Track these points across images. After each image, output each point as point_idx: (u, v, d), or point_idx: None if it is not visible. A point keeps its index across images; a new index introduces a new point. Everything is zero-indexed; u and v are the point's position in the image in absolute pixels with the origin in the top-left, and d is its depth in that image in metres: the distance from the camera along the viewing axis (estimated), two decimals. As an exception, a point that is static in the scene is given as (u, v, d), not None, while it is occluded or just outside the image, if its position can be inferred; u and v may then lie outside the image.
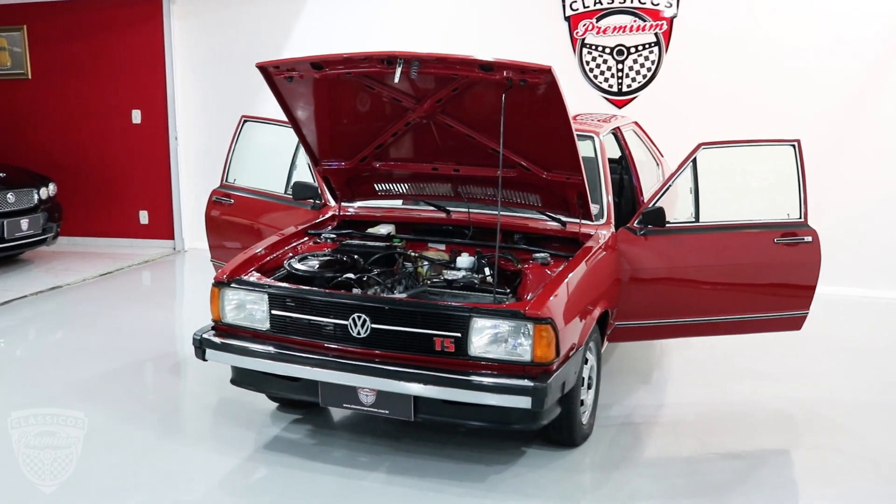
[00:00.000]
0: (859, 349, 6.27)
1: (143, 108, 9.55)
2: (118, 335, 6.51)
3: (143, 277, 8.68)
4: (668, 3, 8.21)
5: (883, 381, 5.65)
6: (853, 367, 5.93)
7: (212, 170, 9.44)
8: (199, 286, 8.50)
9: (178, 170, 9.58)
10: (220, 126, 9.42)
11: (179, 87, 9.45)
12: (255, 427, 4.77)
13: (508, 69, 4.08)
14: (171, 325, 7.04)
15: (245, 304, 4.32)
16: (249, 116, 6.25)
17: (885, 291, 7.62)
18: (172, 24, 9.35)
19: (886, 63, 7.72)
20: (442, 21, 8.79)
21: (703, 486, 4.20)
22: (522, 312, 3.89)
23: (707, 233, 5.13)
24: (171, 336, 6.61)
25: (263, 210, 5.96)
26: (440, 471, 4.26)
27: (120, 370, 5.69)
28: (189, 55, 9.43)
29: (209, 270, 8.90)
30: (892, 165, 7.78)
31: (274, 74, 4.54)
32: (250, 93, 9.27)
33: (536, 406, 3.86)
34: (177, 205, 9.64)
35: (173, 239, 9.71)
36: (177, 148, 9.54)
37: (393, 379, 3.98)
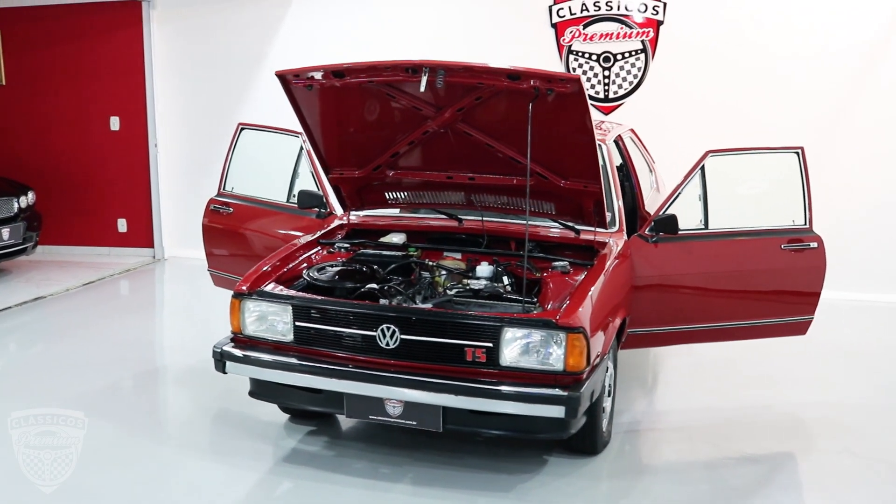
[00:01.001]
0: (859, 353, 6.38)
1: (121, 115, 9.39)
2: (110, 347, 6.38)
3: (125, 287, 8.52)
4: (655, 10, 8.29)
5: (887, 385, 5.76)
6: (856, 370, 6.04)
7: (192, 177, 9.38)
8: (183, 295, 8.42)
9: (158, 177, 9.43)
10: (200, 133, 9.35)
11: (159, 94, 9.31)
12: (271, 440, 4.71)
13: (536, 78, 4.08)
14: (162, 335, 6.93)
15: (267, 315, 4.26)
16: (246, 124, 6.17)
17: (875, 295, 7.76)
18: (152, 29, 9.21)
19: (868, 72, 7.88)
20: (428, 28, 8.77)
21: (727, 491, 4.23)
22: (555, 322, 3.89)
23: (717, 240, 5.17)
24: (164, 347, 6.50)
25: (266, 219, 5.88)
26: (465, 481, 4.24)
27: (120, 383, 5.59)
28: (169, 61, 9.30)
29: (192, 279, 8.88)
30: (872, 173, 7.94)
31: (293, 83, 4.46)
32: (232, 99, 9.24)
33: (570, 415, 3.86)
34: (156, 213, 9.49)
35: (153, 247, 9.55)
36: (157, 155, 9.40)
37: (423, 390, 3.95)
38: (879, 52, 7.87)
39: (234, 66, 9.18)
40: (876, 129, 7.86)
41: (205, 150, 9.35)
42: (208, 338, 6.53)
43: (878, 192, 7.94)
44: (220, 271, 6.07)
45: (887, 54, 7.84)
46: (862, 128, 7.91)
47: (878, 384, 5.76)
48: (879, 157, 7.91)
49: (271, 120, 8.92)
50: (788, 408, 5.34)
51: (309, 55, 8.92)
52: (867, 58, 7.89)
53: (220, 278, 6.10)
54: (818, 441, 4.89)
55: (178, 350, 6.32)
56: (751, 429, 5.01)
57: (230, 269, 6.00)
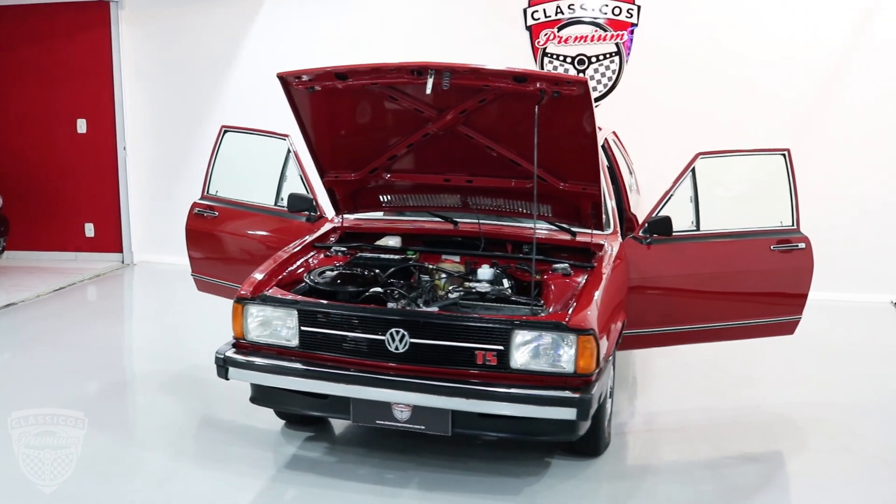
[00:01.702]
0: (841, 352, 6.47)
1: (88, 117, 9.20)
2: (90, 354, 6.25)
3: (97, 292, 8.36)
4: (629, 13, 8.35)
5: (873, 383, 5.86)
6: (841, 369, 6.14)
7: (162, 180, 9.24)
8: (156, 301, 8.28)
9: (127, 181, 9.25)
10: (170, 136, 9.22)
11: (128, 96, 9.14)
12: (269, 446, 4.65)
13: (543, 80, 4.09)
14: (140, 342, 6.79)
15: (271, 320, 4.20)
16: (230, 126, 6.07)
17: (850, 295, 7.90)
18: (121, 30, 9.04)
19: (838, 79, 8.04)
20: (402, 30, 8.73)
21: (731, 490, 4.27)
22: (565, 324, 3.89)
23: (708, 241, 5.21)
24: (145, 353, 6.37)
25: (253, 222, 5.80)
26: (472, 485, 4.22)
27: (107, 391, 5.47)
28: (138, 63, 9.13)
29: (163, 284, 8.75)
30: (845, 174, 8.09)
31: (294, 84, 4.40)
32: (202, 101, 9.12)
33: (581, 417, 3.86)
34: (125, 217, 9.31)
35: (121, 252, 9.37)
36: (125, 158, 9.22)
37: (433, 394, 3.92)
38: (848, 57, 8.02)
39: (205, 67, 9.05)
40: (845, 131, 8.00)
41: (175, 153, 9.23)
42: (188, 343, 6.52)
43: (852, 194, 8.08)
44: (205, 276, 5.97)
45: (855, 60, 8.00)
46: (832, 130, 8.05)
47: (863, 383, 5.86)
48: (850, 158, 8.05)
49: (243, 122, 8.82)
50: (779, 407, 5.40)
51: (281, 57, 8.88)
52: (836, 62, 8.04)
53: (204, 283, 6.00)
54: (813, 440, 4.95)
55: (160, 356, 6.20)
56: (745, 428, 5.06)
57: (215, 273, 5.91)
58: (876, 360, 6.44)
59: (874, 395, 5.62)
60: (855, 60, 8.01)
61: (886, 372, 6.19)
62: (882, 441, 4.87)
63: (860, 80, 8.01)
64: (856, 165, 8.07)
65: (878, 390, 5.74)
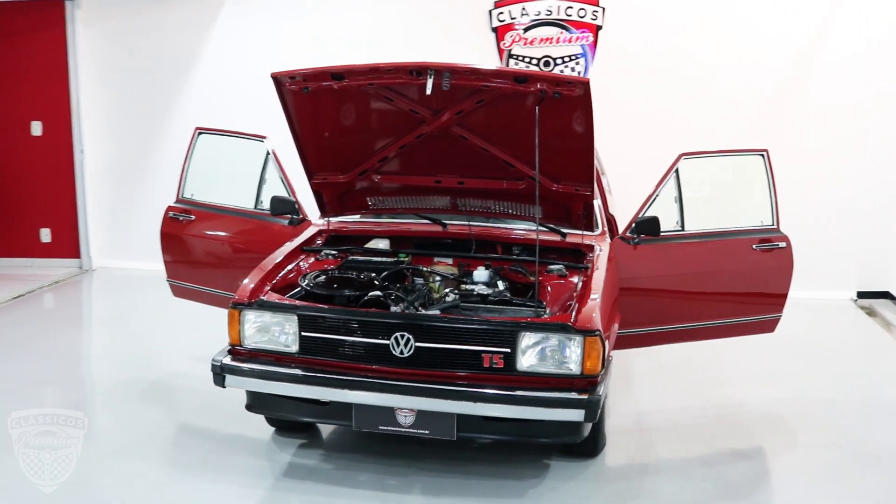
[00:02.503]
0: (810, 349, 6.56)
1: (43, 120, 8.94)
2: (62, 363, 6.09)
3: (58, 299, 8.13)
4: (594, 14, 8.40)
5: (848, 379, 5.98)
6: (813, 366, 6.24)
7: (122, 184, 9.04)
8: (120, 307, 8.05)
9: (85, 185, 9.01)
10: (130, 138, 9.03)
11: (85, 97, 8.89)
12: (263, 454, 4.56)
13: (543, 81, 4.08)
14: (112, 349, 6.56)
15: (270, 326, 4.11)
16: (204, 128, 5.95)
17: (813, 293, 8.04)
18: (77, 30, 8.80)
19: (798, 83, 8.19)
20: (366, 30, 8.65)
21: (730, 487, 4.31)
22: (572, 325, 3.88)
23: (693, 241, 5.26)
24: (120, 362, 6.15)
25: (233, 226, 5.69)
26: (476, 488, 4.19)
27: (87, 401, 5.32)
28: (95, 63, 8.89)
29: (125, 290, 8.55)
30: (806, 175, 8.23)
31: (287, 85, 4.32)
32: (162, 102, 8.94)
33: (589, 418, 3.86)
34: (83, 222, 9.06)
35: (79, 258, 9.12)
36: (82, 161, 8.98)
37: (440, 398, 3.89)
38: (808, 62, 8.17)
39: (165, 68, 8.86)
40: (804, 134, 8.11)
41: (135, 156, 9.02)
42: (160, 350, 6.39)
43: (811, 194, 8.21)
44: (181, 281, 5.84)
45: (815, 64, 8.15)
46: (791, 133, 8.15)
47: (838, 379, 5.98)
48: (809, 160, 8.16)
49: (206, 124, 8.63)
50: (762, 404, 5.47)
51: (244, 58, 8.79)
52: (796, 66, 8.18)
53: (180, 288, 5.87)
54: (801, 435, 5.02)
55: (135, 364, 6.03)
56: (732, 426, 5.12)
57: (193, 278, 5.79)
58: (844, 355, 6.57)
59: (851, 391, 5.73)
60: (815, 65, 8.16)
61: (857, 367, 6.33)
62: (867, 436, 4.96)
63: (820, 84, 8.15)
64: (814, 167, 8.21)
65: (854, 386, 5.85)
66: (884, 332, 7.32)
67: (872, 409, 5.42)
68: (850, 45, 8.02)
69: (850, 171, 8.19)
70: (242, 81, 8.77)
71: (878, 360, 6.61)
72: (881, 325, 7.50)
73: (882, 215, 8.21)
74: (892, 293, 8.24)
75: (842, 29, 8.05)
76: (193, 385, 5.63)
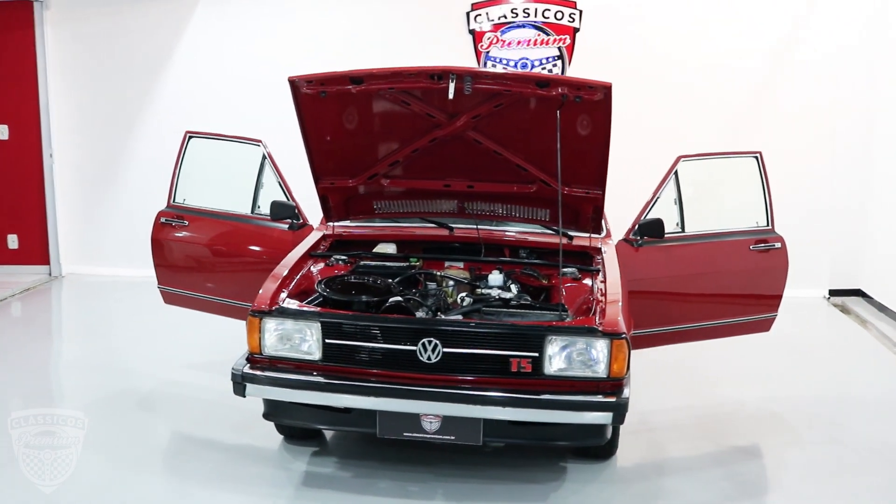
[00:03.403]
0: (793, 347, 6.65)
1: (10, 124, 8.71)
2: (49, 373, 5.95)
3: (30, 307, 7.92)
4: (571, 17, 8.45)
5: (838, 376, 6.14)
6: (802, 364, 6.37)
7: (92, 189, 8.86)
8: (97, 314, 7.86)
9: (54, 190, 8.80)
10: (101, 142, 8.87)
11: (54, 100, 8.69)
12: (277, 463, 4.50)
13: (564, 85, 4.09)
14: (98, 358, 6.37)
15: (292, 334, 4.04)
16: (194, 132, 5.84)
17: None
18: (45, 31, 8.59)
19: (769, 86, 8.35)
20: (343, 32, 8.61)
21: (749, 486, 4.38)
22: (599, 329, 3.90)
23: (694, 242, 5.32)
24: (107, 371, 6.00)
25: (230, 231, 5.59)
26: (498, 493, 4.19)
27: (84, 412, 5.13)
28: (65, 65, 8.70)
29: (98, 297, 8.37)
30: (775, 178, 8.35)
31: (304, 89, 4.26)
32: (134, 105, 8.79)
33: (617, 421, 3.88)
34: (52, 228, 8.85)
35: (48, 264, 8.90)
36: (52, 166, 8.77)
37: (468, 403, 3.87)
38: (780, 65, 8.35)
39: (137, 70, 8.70)
40: (777, 135, 8.26)
41: (106, 160, 8.85)
42: (149, 358, 6.26)
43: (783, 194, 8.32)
44: (174, 288, 5.71)
45: (786, 68, 8.33)
46: (765, 134, 8.30)
47: (828, 376, 6.13)
48: (781, 161, 8.28)
49: (180, 127, 8.53)
50: (759, 402, 5.54)
51: (218, 61, 8.68)
52: (770, 69, 8.35)
53: (173, 295, 5.75)
54: (802, 433, 5.11)
55: (125, 373, 5.89)
56: (736, 425, 5.18)
57: (187, 285, 5.68)
58: (828, 353, 6.74)
59: (841, 388, 5.88)
60: (787, 67, 8.34)
61: (843, 364, 6.50)
62: (866, 431, 5.07)
63: (792, 86, 8.33)
64: (786, 167, 8.34)
65: (843, 383, 6.00)
66: (860, 328, 7.50)
67: (865, 405, 5.55)
68: (821, 47, 8.20)
69: (820, 171, 8.37)
70: (216, 84, 8.67)
71: (861, 356, 6.77)
72: (857, 322, 7.68)
73: (853, 214, 8.40)
74: (863, 290, 8.44)
75: (814, 32, 8.24)
76: (190, 394, 5.55)
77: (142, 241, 8.65)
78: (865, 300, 8.33)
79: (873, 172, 8.22)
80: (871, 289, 8.29)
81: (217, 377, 5.78)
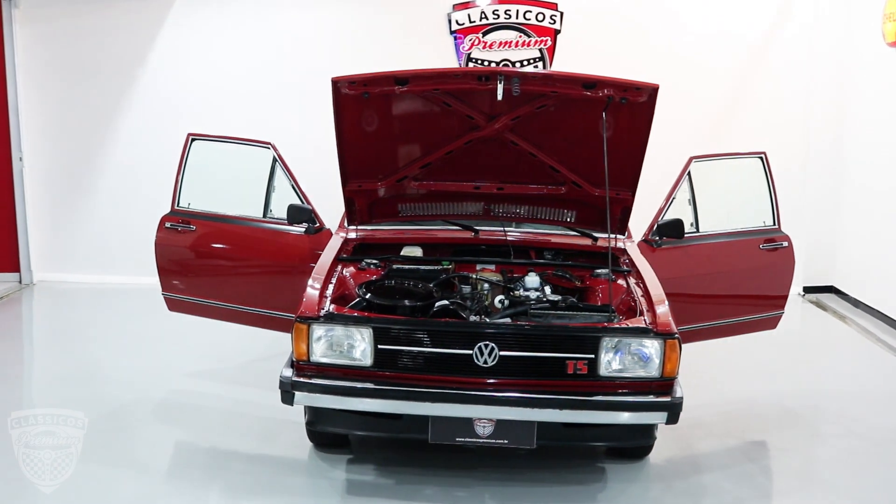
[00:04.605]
0: (787, 344, 6.76)
1: (-23, 126, 8.41)
2: (44, 384, 5.75)
3: (6, 316, 7.63)
4: (552, 19, 8.49)
5: (835, 370, 6.33)
6: (798, 359, 6.55)
7: (64, 193, 8.62)
8: (73, 323, 7.58)
9: (24, 194, 8.50)
10: (72, 144, 8.63)
11: (24, 102, 8.38)
12: (316, 473, 4.42)
13: (612, 87, 4.11)
14: (95, 369, 6.14)
15: (342, 340, 3.97)
16: (197, 135, 5.69)
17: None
18: (14, 31, 8.28)
19: (747, 83, 8.52)
20: (326, 32, 8.52)
21: (783, 479, 4.54)
22: (653, 329, 3.93)
23: (709, 242, 5.40)
24: (103, 382, 5.80)
25: (243, 235, 5.48)
26: (546, 496, 4.19)
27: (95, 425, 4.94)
28: (35, 66, 8.38)
29: (75, 305, 8.13)
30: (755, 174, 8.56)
31: (345, 89, 4.18)
32: (107, 108, 8.57)
33: (671, 420, 3.91)
34: (22, 234, 8.54)
35: (18, 272, 8.60)
36: (21, 170, 8.46)
37: (524, 406, 3.86)
38: (754, 66, 8.53)
39: (110, 72, 8.45)
40: (752, 133, 8.40)
41: (78, 163, 8.58)
42: (150, 368, 6.06)
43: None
44: (182, 295, 5.57)
45: (760, 70, 8.51)
46: (741, 132, 8.48)
47: (825, 370, 6.32)
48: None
49: (154, 130, 8.43)
50: (770, 397, 5.66)
51: (192, 62, 8.49)
52: (747, 66, 8.52)
53: (179, 302, 5.60)
54: (819, 427, 5.24)
55: (129, 384, 5.65)
56: (753, 420, 5.27)
57: (196, 291, 5.54)
58: (818, 348, 6.98)
59: (840, 381, 6.06)
60: (760, 69, 8.53)
61: (835, 358, 6.74)
62: (879, 423, 5.22)
63: (765, 88, 8.52)
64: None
65: (842, 376, 6.20)
66: (841, 323, 7.70)
67: (869, 397, 5.72)
68: (795, 50, 8.42)
69: (794, 171, 8.54)
70: (190, 86, 8.49)
71: (848, 350, 7.01)
72: (836, 318, 7.88)
73: (825, 213, 8.62)
74: (836, 287, 8.66)
75: (788, 35, 8.44)
76: (203, 403, 5.43)
77: (115, 248, 8.55)
78: (839, 296, 8.55)
79: (845, 172, 8.45)
80: (845, 285, 8.52)
81: (226, 385, 5.72)
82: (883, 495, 4.36)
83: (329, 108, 8.41)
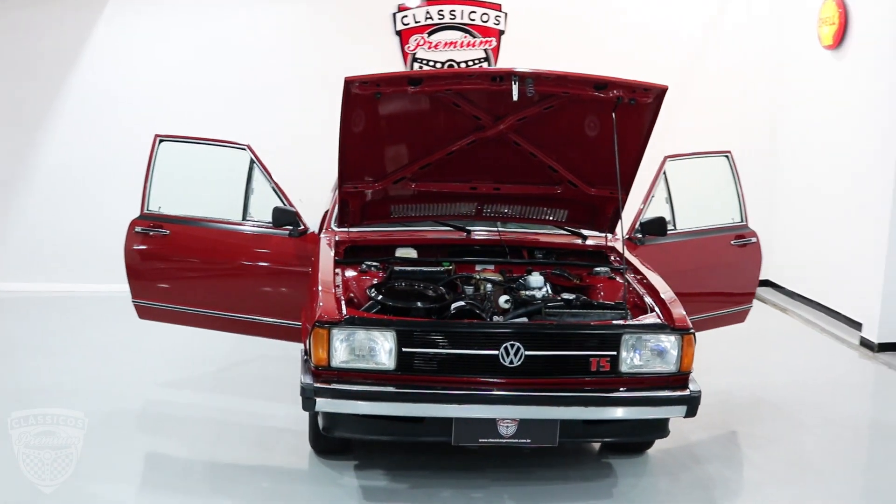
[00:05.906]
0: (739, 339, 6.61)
1: None
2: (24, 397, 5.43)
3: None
4: (497, 19, 8.54)
5: (792, 362, 6.57)
6: (754, 354, 6.71)
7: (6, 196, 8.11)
8: (35, 333, 7.14)
9: (-50, 199, 8.06)
10: (4, 146, 8.12)
11: (-50, 102, 7.96)
12: (326, 480, 4.35)
13: (621, 87, 4.16)
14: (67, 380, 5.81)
15: (365, 343, 3.90)
16: (165, 136, 5.49)
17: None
18: (-57, 28, 7.85)
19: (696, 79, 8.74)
20: (266, 33, 8.33)
21: (783, 467, 4.65)
22: (671, 326, 4.00)
23: (687, 239, 5.52)
24: (77, 394, 5.51)
25: (222, 239, 5.31)
26: (563, 494, 4.24)
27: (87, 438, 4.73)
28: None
29: (24, 314, 7.62)
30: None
31: (357, 88, 4.10)
32: (38, 109, 8.21)
33: (690, 414, 4.00)
34: (-54, 241, 8.10)
35: (-39, 283, 8.14)
36: (-55, 173, 8.03)
37: (550, 405, 3.88)
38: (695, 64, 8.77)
39: (43, 69, 8.05)
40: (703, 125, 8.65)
41: (6, 166, 8.16)
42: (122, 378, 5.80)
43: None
44: (155, 301, 5.36)
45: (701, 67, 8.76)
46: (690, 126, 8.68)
47: (783, 361, 6.56)
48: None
49: (88, 132, 8.11)
50: (745, 390, 5.79)
51: (129, 61, 8.20)
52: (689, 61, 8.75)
53: (152, 310, 5.39)
54: (798, 417, 5.39)
55: (105, 395, 5.36)
56: (738, 412, 5.40)
57: (171, 298, 5.35)
58: (770, 342, 7.14)
59: (802, 372, 6.30)
60: (696, 67, 8.77)
61: (788, 349, 6.98)
62: (852, 411, 5.48)
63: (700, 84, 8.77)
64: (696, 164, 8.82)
65: (800, 367, 6.47)
66: (783, 315, 7.99)
67: (833, 386, 5.98)
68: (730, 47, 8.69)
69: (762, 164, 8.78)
70: (127, 85, 8.19)
71: (797, 341, 7.27)
72: (778, 310, 8.16)
73: (760, 208, 8.80)
74: (771, 280, 8.97)
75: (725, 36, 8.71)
76: (189, 414, 5.25)
77: (48, 255, 8.15)
78: (775, 290, 8.86)
79: (779, 171, 8.77)
80: (780, 278, 8.83)
81: (206, 394, 5.55)
82: (870, 477, 4.60)
83: (267, 106, 8.23)
